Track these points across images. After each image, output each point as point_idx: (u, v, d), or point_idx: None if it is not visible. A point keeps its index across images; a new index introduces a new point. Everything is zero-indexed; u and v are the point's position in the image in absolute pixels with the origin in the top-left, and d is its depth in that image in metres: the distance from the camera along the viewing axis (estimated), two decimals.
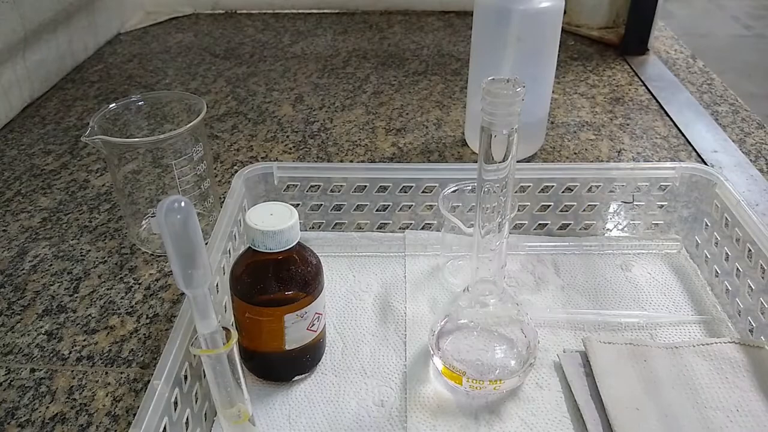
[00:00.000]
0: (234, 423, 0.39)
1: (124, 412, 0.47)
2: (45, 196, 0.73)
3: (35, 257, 0.63)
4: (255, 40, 1.19)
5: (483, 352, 0.46)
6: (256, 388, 0.48)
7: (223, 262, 0.50)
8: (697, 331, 0.52)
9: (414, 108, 0.91)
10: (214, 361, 0.36)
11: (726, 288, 0.54)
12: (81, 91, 0.99)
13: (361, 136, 0.84)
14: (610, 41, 1.11)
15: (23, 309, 0.57)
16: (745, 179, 0.73)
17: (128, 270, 0.61)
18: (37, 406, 0.48)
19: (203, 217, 0.63)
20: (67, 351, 0.52)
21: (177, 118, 0.63)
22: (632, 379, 0.45)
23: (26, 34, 0.92)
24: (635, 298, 0.55)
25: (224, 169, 0.77)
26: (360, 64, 1.07)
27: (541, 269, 0.59)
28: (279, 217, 0.43)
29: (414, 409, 0.45)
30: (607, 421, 0.43)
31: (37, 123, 0.90)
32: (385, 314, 0.54)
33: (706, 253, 0.58)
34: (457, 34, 1.20)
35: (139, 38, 1.22)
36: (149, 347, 0.52)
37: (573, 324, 0.52)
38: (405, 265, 0.59)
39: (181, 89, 0.99)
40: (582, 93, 0.94)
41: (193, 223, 0.31)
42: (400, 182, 0.60)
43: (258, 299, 0.44)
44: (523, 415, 0.45)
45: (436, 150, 0.80)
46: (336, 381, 0.48)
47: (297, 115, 0.90)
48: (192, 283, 0.33)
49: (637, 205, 0.61)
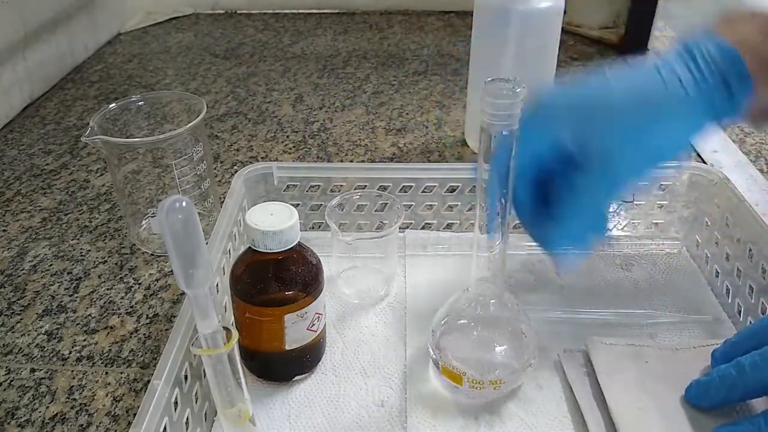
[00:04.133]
0: (234, 423, 0.39)
1: (124, 412, 0.47)
2: (45, 196, 0.73)
3: (35, 257, 0.63)
4: (255, 40, 1.19)
5: (483, 352, 0.46)
6: (256, 388, 0.48)
7: (223, 262, 0.50)
8: (698, 331, 0.52)
9: (414, 108, 0.91)
10: (214, 360, 0.36)
11: (726, 288, 0.54)
12: (81, 91, 0.99)
13: (361, 136, 0.84)
14: (610, 41, 1.11)
15: (23, 309, 0.57)
16: (745, 179, 0.73)
17: (128, 270, 0.61)
18: (37, 406, 0.48)
19: (203, 217, 0.63)
20: (67, 351, 0.52)
21: (177, 118, 0.63)
22: (634, 379, 0.45)
23: (26, 34, 0.92)
24: (635, 298, 0.55)
25: (224, 169, 0.77)
26: (360, 64, 1.07)
27: (541, 269, 0.58)
28: (279, 217, 0.43)
29: (414, 409, 0.45)
30: (610, 421, 0.43)
31: (37, 123, 0.90)
32: (385, 314, 0.54)
33: (706, 253, 0.58)
34: (457, 34, 1.20)
35: (139, 38, 1.22)
36: (149, 347, 0.52)
37: (573, 324, 0.52)
38: (405, 265, 0.59)
39: (181, 89, 0.99)
40: None
41: (194, 223, 0.31)
42: (400, 182, 0.60)
43: (258, 299, 0.44)
44: (523, 415, 0.45)
45: (436, 150, 0.80)
46: (336, 381, 0.48)
47: (297, 115, 0.90)
48: (193, 282, 0.33)
49: (637, 204, 0.61)
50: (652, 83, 0.44)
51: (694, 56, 0.44)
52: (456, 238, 0.62)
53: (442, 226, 0.63)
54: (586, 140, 0.45)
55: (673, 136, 0.45)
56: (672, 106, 0.44)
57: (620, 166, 0.45)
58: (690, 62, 0.44)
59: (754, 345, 0.41)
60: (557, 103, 0.46)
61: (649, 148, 0.45)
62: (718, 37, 0.44)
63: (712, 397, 0.42)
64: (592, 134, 0.45)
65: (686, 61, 0.44)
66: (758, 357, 0.40)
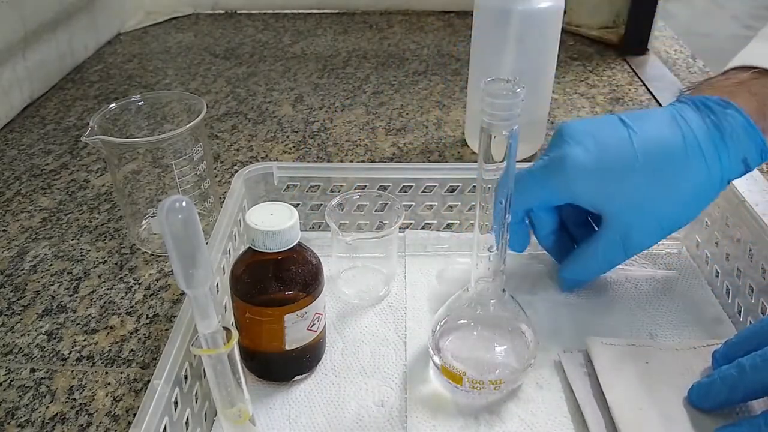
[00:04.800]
0: (234, 423, 0.39)
1: (124, 412, 0.47)
2: (45, 196, 0.73)
3: (35, 257, 0.63)
4: (255, 40, 1.19)
5: (483, 352, 0.46)
6: (256, 388, 0.48)
7: (223, 262, 0.50)
8: (698, 331, 0.52)
9: (414, 108, 0.91)
10: (214, 360, 0.36)
11: (726, 288, 0.54)
12: (81, 91, 0.99)
13: (361, 136, 0.84)
14: (610, 41, 1.11)
15: (23, 309, 0.57)
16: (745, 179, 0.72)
17: (128, 270, 0.61)
18: (37, 406, 0.48)
19: (203, 217, 0.63)
20: (67, 351, 0.52)
21: (177, 118, 0.63)
22: (634, 379, 0.45)
23: (26, 34, 0.92)
24: (635, 298, 0.55)
25: (224, 169, 0.77)
26: (360, 64, 1.07)
27: (541, 269, 0.58)
28: (279, 217, 0.43)
29: (414, 409, 0.45)
30: (610, 421, 0.43)
31: (37, 123, 0.90)
32: (385, 314, 0.54)
33: (706, 253, 0.58)
34: (457, 34, 1.20)
35: (139, 38, 1.22)
36: (149, 347, 0.52)
37: (573, 324, 0.52)
38: (405, 265, 0.59)
39: (181, 89, 0.99)
40: (582, 93, 0.94)
41: (194, 223, 0.31)
42: (400, 182, 0.60)
43: (258, 299, 0.44)
44: (523, 415, 0.45)
45: (436, 150, 0.80)
46: (336, 381, 0.48)
47: (297, 115, 0.90)
48: (193, 282, 0.33)
49: None
50: (676, 154, 0.46)
51: (722, 132, 0.46)
52: (456, 238, 0.62)
53: (442, 226, 0.63)
54: (604, 204, 0.48)
55: (690, 209, 0.48)
56: (693, 181, 0.46)
57: (637, 235, 0.48)
58: (718, 140, 0.46)
59: (755, 346, 0.41)
60: (577, 159, 0.47)
61: (666, 219, 0.48)
62: (742, 107, 0.46)
63: (714, 399, 0.42)
64: (612, 200, 0.47)
65: (713, 138, 0.46)
66: (759, 358, 0.40)
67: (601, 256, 0.50)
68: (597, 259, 0.51)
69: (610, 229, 0.49)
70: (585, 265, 0.52)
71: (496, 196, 0.41)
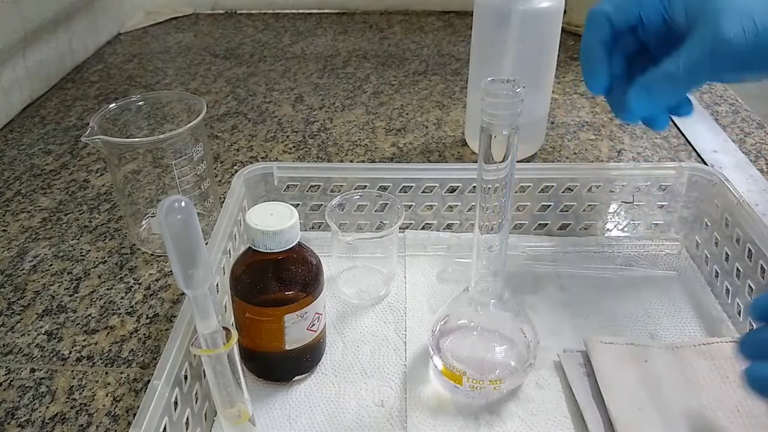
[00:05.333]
0: (234, 423, 0.39)
1: (124, 412, 0.47)
2: (45, 196, 0.73)
3: (35, 257, 0.63)
4: (255, 40, 1.19)
5: (483, 352, 0.46)
6: (256, 388, 0.48)
7: (223, 262, 0.50)
8: (698, 331, 0.52)
9: (414, 108, 0.91)
10: (214, 361, 0.36)
11: (726, 288, 0.54)
12: (81, 91, 0.99)
13: (361, 136, 0.84)
14: None
15: (23, 309, 0.57)
16: (745, 179, 0.73)
17: (128, 270, 0.61)
18: (37, 406, 0.48)
19: (203, 217, 0.63)
20: (67, 351, 0.52)
21: (177, 118, 0.63)
22: (633, 379, 0.45)
23: (26, 34, 0.92)
24: (635, 298, 0.55)
25: (224, 169, 0.77)
26: (360, 64, 1.07)
27: (541, 269, 0.58)
28: (279, 217, 0.43)
29: (414, 409, 0.45)
30: (609, 421, 0.43)
31: (37, 123, 0.90)
32: (385, 314, 0.54)
33: (706, 253, 0.58)
34: (457, 34, 1.20)
35: (139, 38, 1.22)
36: (149, 347, 0.52)
37: (573, 324, 0.52)
38: (405, 265, 0.59)
39: (181, 89, 0.99)
40: (582, 93, 0.94)
41: (194, 223, 0.31)
42: (400, 182, 0.60)
43: (258, 299, 0.44)
44: (523, 415, 0.45)
45: (436, 150, 0.80)
46: (336, 381, 0.48)
47: (297, 115, 0.90)
48: (192, 283, 0.33)
49: (637, 205, 0.61)
50: None
51: None
52: (456, 238, 0.62)
53: (442, 227, 0.63)
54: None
55: None
56: None
57: (728, 27, 0.39)
58: None
59: None
60: None
61: (760, 14, 0.39)
62: None
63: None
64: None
65: None
66: None
67: (684, 60, 0.41)
68: (678, 69, 0.41)
69: (698, 29, 0.41)
70: (662, 80, 0.42)
71: (497, 196, 0.41)
